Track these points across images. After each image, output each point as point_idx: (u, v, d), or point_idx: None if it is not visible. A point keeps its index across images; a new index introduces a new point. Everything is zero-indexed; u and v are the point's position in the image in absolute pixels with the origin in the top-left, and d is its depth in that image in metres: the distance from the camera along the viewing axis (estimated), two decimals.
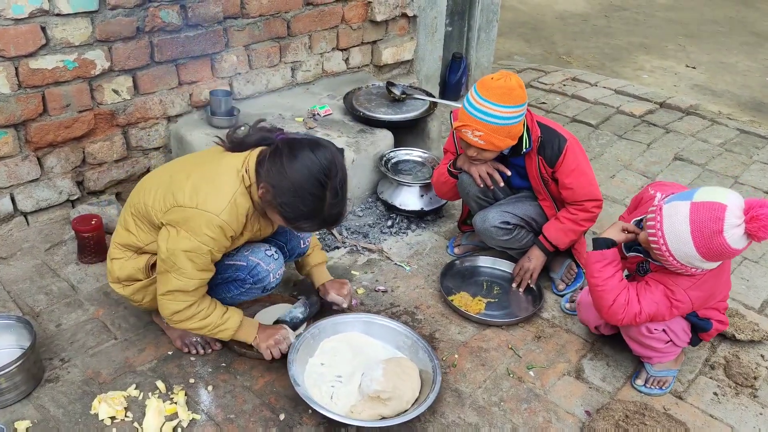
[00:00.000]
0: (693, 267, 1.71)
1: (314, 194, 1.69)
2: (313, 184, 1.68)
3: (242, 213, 1.76)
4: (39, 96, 2.41)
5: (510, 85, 2.05)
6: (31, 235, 2.55)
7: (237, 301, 2.00)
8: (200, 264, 1.75)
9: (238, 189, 1.74)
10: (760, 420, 1.93)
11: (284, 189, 1.68)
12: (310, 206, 1.70)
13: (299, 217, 1.73)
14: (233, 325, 1.88)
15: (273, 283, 1.94)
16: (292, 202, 1.69)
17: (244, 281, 1.90)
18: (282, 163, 1.68)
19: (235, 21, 2.85)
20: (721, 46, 6.06)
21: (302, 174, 1.66)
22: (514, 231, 2.33)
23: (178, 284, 1.76)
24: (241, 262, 1.88)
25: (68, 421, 1.79)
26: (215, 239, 1.72)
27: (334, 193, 1.71)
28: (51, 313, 2.18)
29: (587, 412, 1.92)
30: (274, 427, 1.81)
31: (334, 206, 1.73)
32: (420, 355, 2.01)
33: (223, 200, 1.71)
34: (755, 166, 3.45)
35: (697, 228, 1.61)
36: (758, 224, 1.57)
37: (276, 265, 1.92)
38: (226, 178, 1.75)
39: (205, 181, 1.74)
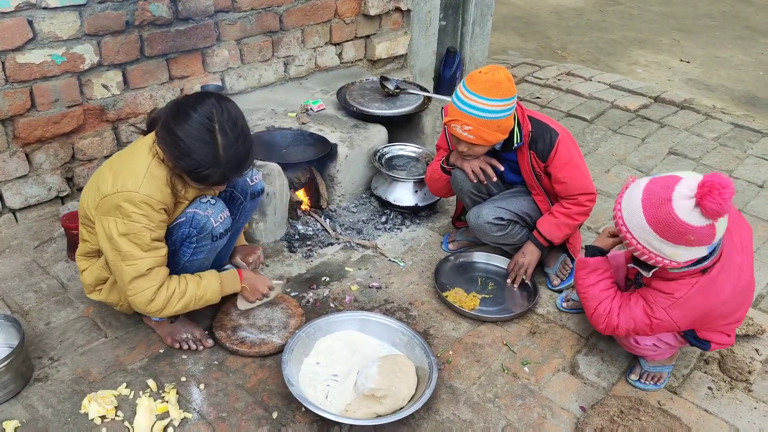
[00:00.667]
0: (658, 252, 1.62)
1: (203, 139, 1.68)
2: (198, 129, 1.68)
3: (163, 182, 1.76)
4: (27, 91, 2.37)
5: (498, 79, 2.03)
6: (19, 232, 2.52)
7: (198, 264, 1.96)
8: (142, 244, 1.75)
9: (151, 162, 1.76)
10: (755, 414, 1.92)
11: (176, 146, 1.69)
12: (204, 152, 1.69)
13: (199, 167, 1.71)
14: (215, 287, 1.89)
15: (219, 229, 1.89)
16: (185, 154, 1.69)
17: (190, 235, 1.87)
18: (169, 122, 1.70)
19: (227, 15, 2.82)
20: (716, 40, 6.06)
21: (187, 124, 1.68)
22: (508, 227, 2.32)
23: (131, 270, 1.75)
24: (181, 218, 1.87)
25: (57, 420, 1.77)
26: (145, 215, 1.73)
27: (224, 133, 1.70)
28: (40, 312, 2.15)
29: (582, 408, 1.91)
30: (266, 425, 1.80)
31: (229, 147, 1.71)
32: (416, 352, 2.00)
33: (138, 176, 1.73)
34: (749, 160, 3.45)
35: (648, 196, 1.58)
36: (704, 190, 1.49)
37: (215, 210, 1.88)
38: (139, 157, 1.78)
39: (122, 166, 1.78)
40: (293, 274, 2.43)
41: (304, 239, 2.62)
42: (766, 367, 2.10)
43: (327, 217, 2.75)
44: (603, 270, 1.88)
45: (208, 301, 1.90)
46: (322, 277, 2.42)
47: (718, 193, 1.47)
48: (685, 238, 1.56)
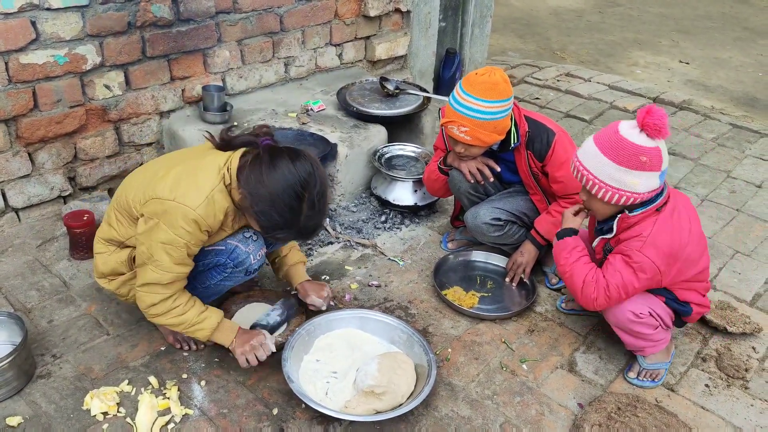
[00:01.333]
0: (622, 186, 1.77)
1: (290, 206, 1.69)
2: (290, 195, 1.68)
3: (219, 209, 1.76)
4: (29, 91, 2.39)
5: (494, 80, 2.05)
6: (22, 231, 2.54)
7: (222, 288, 1.99)
8: (176, 257, 1.74)
9: (216, 186, 1.74)
10: (751, 411, 1.94)
11: (261, 198, 1.69)
12: (286, 217, 1.70)
13: (274, 227, 1.73)
14: (210, 325, 1.85)
15: (255, 265, 1.93)
16: (267, 212, 1.70)
17: (225, 265, 1.89)
18: (260, 172, 1.68)
19: (228, 16, 2.84)
20: (715, 41, 6.08)
21: (279, 185, 1.67)
22: (506, 227, 2.33)
23: (154, 276, 1.76)
24: (220, 246, 1.87)
25: (60, 416, 1.79)
26: (191, 233, 1.73)
27: (311, 205, 1.71)
28: (43, 309, 2.17)
29: (580, 405, 1.92)
30: (267, 421, 1.81)
31: (310, 218, 1.73)
32: (415, 350, 2.01)
33: (200, 195, 1.72)
34: (747, 161, 3.46)
35: (598, 137, 1.81)
36: (643, 113, 1.72)
37: (255, 246, 1.90)
38: (207, 174, 1.75)
39: (186, 176, 1.76)
40: None
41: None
42: (762, 365, 2.11)
43: (326, 217, 2.77)
44: (581, 247, 1.96)
45: (196, 333, 1.85)
46: (322, 275, 2.43)
47: (656, 112, 1.71)
48: (639, 160, 1.74)
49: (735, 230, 2.84)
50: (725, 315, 2.25)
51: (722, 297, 2.41)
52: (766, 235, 2.82)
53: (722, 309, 2.28)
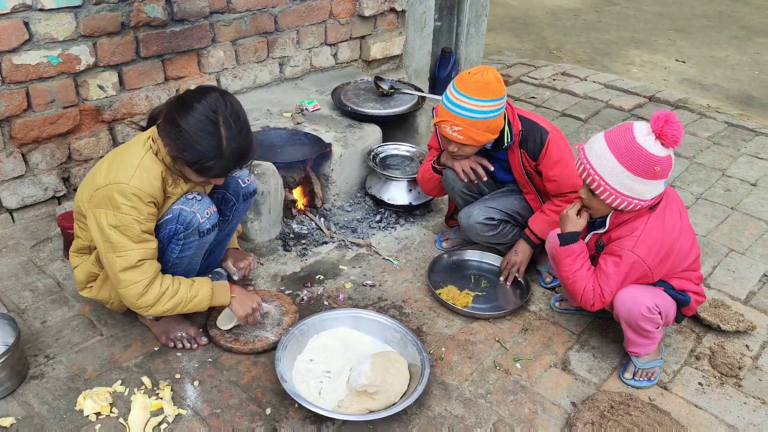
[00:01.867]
0: (632, 194, 1.77)
1: (207, 131, 1.71)
2: (202, 121, 1.71)
3: (154, 176, 1.79)
4: (23, 92, 2.39)
5: (487, 79, 2.05)
6: (16, 232, 2.54)
7: (189, 262, 1.97)
8: (132, 236, 1.77)
9: (144, 155, 1.79)
10: (744, 409, 1.94)
11: (179, 137, 1.72)
12: (208, 144, 1.72)
13: (202, 158, 1.74)
14: (206, 292, 1.90)
15: (205, 224, 1.91)
16: (190, 145, 1.72)
17: (177, 232, 1.89)
18: (173, 116, 1.73)
19: (222, 16, 2.84)
20: (711, 40, 6.08)
21: (191, 118, 1.71)
22: (499, 226, 2.34)
23: (120, 262, 1.77)
24: (167, 215, 1.88)
25: (53, 417, 1.79)
26: (135, 207, 1.75)
27: (227, 125, 1.73)
28: (36, 310, 2.17)
29: (573, 403, 1.93)
30: (260, 421, 1.81)
31: (232, 139, 1.74)
32: (409, 349, 2.01)
33: (130, 169, 1.76)
34: (742, 159, 3.47)
35: (612, 141, 1.77)
36: (660, 122, 1.69)
37: (200, 205, 1.90)
38: (133, 150, 1.81)
39: (116, 159, 1.81)
40: (288, 272, 2.45)
41: (298, 238, 2.64)
42: (756, 363, 2.12)
43: (321, 216, 2.77)
44: (585, 253, 1.96)
45: (197, 306, 1.89)
46: (316, 275, 2.44)
47: (674, 122, 1.70)
48: (654, 170, 1.74)
49: (729, 228, 2.84)
50: (719, 313, 2.25)
51: (716, 295, 2.41)
52: (761, 233, 2.82)
53: (716, 307, 2.28)
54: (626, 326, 1.96)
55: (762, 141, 3.66)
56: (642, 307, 1.87)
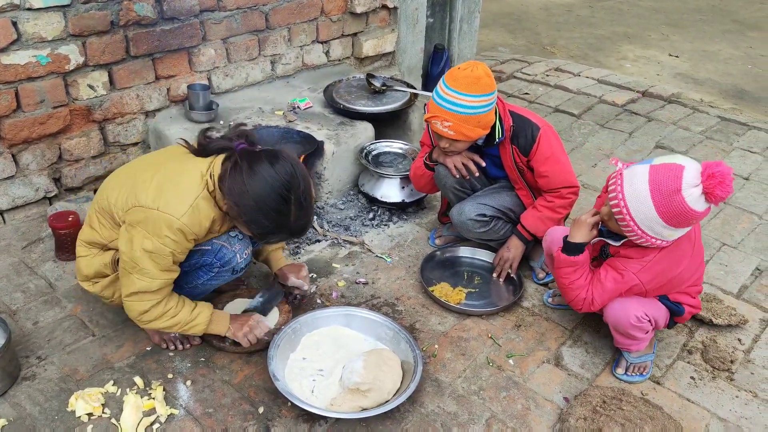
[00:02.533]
0: (657, 236, 1.74)
1: (278, 210, 1.69)
2: (276, 200, 1.68)
3: (205, 218, 1.75)
4: (12, 92, 2.38)
5: (477, 75, 2.05)
6: (7, 233, 2.53)
7: (209, 287, 1.99)
8: (162, 265, 1.74)
9: (200, 194, 1.74)
10: (736, 403, 1.94)
11: (247, 207, 1.69)
12: (276, 221, 1.71)
13: (266, 233, 1.74)
14: (204, 319, 1.87)
15: (241, 264, 1.93)
16: (256, 219, 1.70)
17: (212, 265, 1.89)
18: (242, 180, 1.67)
19: (212, 14, 2.83)
20: (704, 34, 6.09)
21: (263, 191, 1.66)
22: (491, 223, 2.34)
23: (142, 285, 1.75)
24: (206, 246, 1.86)
25: (44, 418, 1.78)
26: (176, 241, 1.72)
27: (298, 205, 1.71)
28: (28, 311, 2.16)
29: (566, 399, 1.93)
30: (253, 420, 1.81)
31: (299, 218, 1.74)
32: (402, 346, 2.01)
33: (184, 204, 1.71)
34: (735, 153, 3.47)
35: (656, 187, 1.66)
36: (714, 181, 1.61)
37: (241, 245, 1.91)
38: (190, 182, 1.75)
39: (168, 183, 1.74)
40: None
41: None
42: (748, 357, 2.12)
43: (314, 214, 2.77)
44: (587, 263, 1.94)
45: (191, 330, 1.87)
46: (309, 273, 2.43)
47: (728, 183, 1.61)
48: (689, 223, 1.71)
49: (722, 223, 2.85)
50: (711, 307, 2.25)
51: (708, 289, 2.41)
52: (753, 227, 2.83)
53: (708, 301, 2.29)
54: (614, 331, 1.97)
55: (754, 135, 3.67)
56: (631, 317, 1.87)
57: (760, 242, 2.72)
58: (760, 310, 2.34)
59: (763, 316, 2.31)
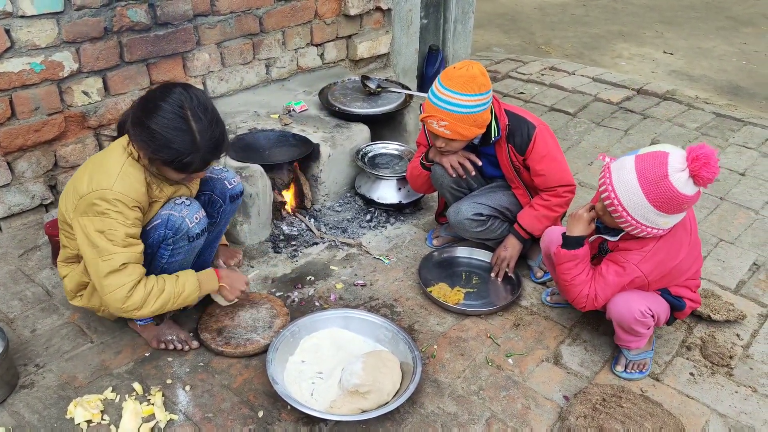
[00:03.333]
0: (652, 225, 1.75)
1: (178, 128, 1.71)
2: (172, 119, 1.71)
3: (136, 180, 1.79)
4: (6, 100, 2.37)
5: (472, 74, 2.05)
6: (3, 240, 2.52)
7: (178, 264, 1.96)
8: (117, 240, 1.76)
9: (125, 161, 1.79)
10: (736, 398, 1.95)
11: (152, 138, 1.71)
12: (181, 140, 1.72)
13: (180, 155, 1.73)
14: (193, 284, 1.89)
15: (194, 229, 1.90)
16: (164, 145, 1.72)
17: (166, 237, 1.88)
18: (140, 118, 1.72)
19: (206, 18, 2.83)
20: (698, 31, 6.11)
21: (159, 116, 1.70)
22: (488, 222, 2.34)
23: (105, 266, 1.75)
24: (156, 220, 1.88)
25: (43, 426, 1.78)
26: (119, 212, 1.75)
27: (197, 118, 1.73)
28: (26, 319, 2.16)
29: (565, 397, 1.93)
30: (252, 424, 1.81)
31: (204, 131, 1.74)
32: (401, 347, 2.01)
33: (112, 175, 1.76)
34: (731, 149, 3.48)
35: (643, 175, 1.69)
36: (699, 163, 1.63)
37: (189, 210, 1.89)
38: (112, 156, 1.82)
39: (96, 167, 1.81)
40: (278, 274, 2.44)
41: (288, 239, 2.63)
42: (747, 352, 2.12)
43: (311, 216, 2.77)
44: (587, 256, 1.94)
45: (186, 300, 1.88)
46: (307, 276, 2.43)
47: (714, 164, 1.64)
48: (681, 207, 1.72)
49: (719, 218, 2.86)
50: (709, 303, 2.26)
51: (706, 285, 2.41)
52: (750, 222, 2.83)
53: (706, 297, 2.29)
54: (618, 327, 1.96)
55: (750, 131, 3.67)
56: (635, 312, 1.87)
57: (757, 237, 2.72)
58: (758, 305, 2.34)
59: (761, 311, 2.31)
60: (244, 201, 2.47)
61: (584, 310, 1.97)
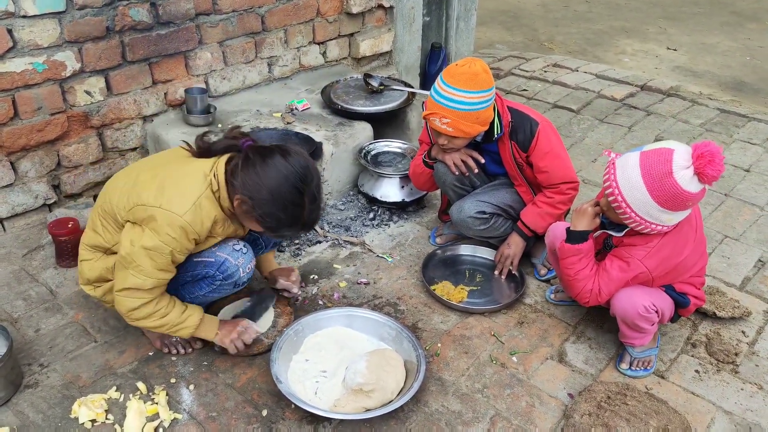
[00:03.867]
0: (656, 221, 1.74)
1: (293, 202, 1.70)
2: (291, 192, 1.68)
3: (207, 217, 1.75)
4: (9, 100, 2.38)
5: (474, 71, 2.04)
6: (7, 240, 2.52)
7: (210, 299, 1.99)
8: (160, 263, 1.73)
9: (203, 193, 1.74)
10: (741, 395, 1.94)
11: (263, 200, 1.68)
12: (290, 215, 1.71)
13: (280, 227, 1.74)
14: (193, 323, 1.86)
15: (244, 278, 1.93)
16: (271, 213, 1.70)
17: (214, 278, 1.89)
18: (256, 173, 1.68)
19: (208, 17, 2.83)
20: (702, 27, 6.08)
21: (279, 183, 1.67)
22: (491, 220, 2.33)
23: (135, 281, 1.74)
24: (209, 258, 1.86)
25: (48, 426, 1.78)
26: (177, 240, 1.71)
27: (312, 198, 1.73)
28: (29, 319, 2.16)
29: (570, 395, 1.92)
30: (256, 423, 1.81)
31: (312, 211, 1.75)
32: (405, 346, 2.01)
33: (187, 202, 1.71)
34: (735, 145, 3.46)
35: (647, 172, 1.68)
36: (704, 161, 1.63)
37: (245, 260, 1.91)
38: (193, 181, 1.74)
39: (171, 182, 1.74)
40: None
41: (292, 238, 2.62)
42: (752, 349, 2.11)
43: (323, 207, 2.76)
44: (591, 251, 1.93)
45: (179, 332, 1.86)
46: (310, 275, 2.43)
47: (719, 162, 1.63)
48: (686, 205, 1.71)
49: (724, 215, 2.84)
50: (714, 300, 2.25)
51: (711, 282, 2.40)
52: (755, 218, 2.82)
53: (711, 294, 2.28)
54: (622, 323, 1.95)
55: (754, 126, 3.65)
56: (639, 307, 1.86)
57: (762, 234, 2.71)
58: (764, 302, 2.33)
59: (766, 307, 2.30)
60: None
61: (588, 305, 1.96)
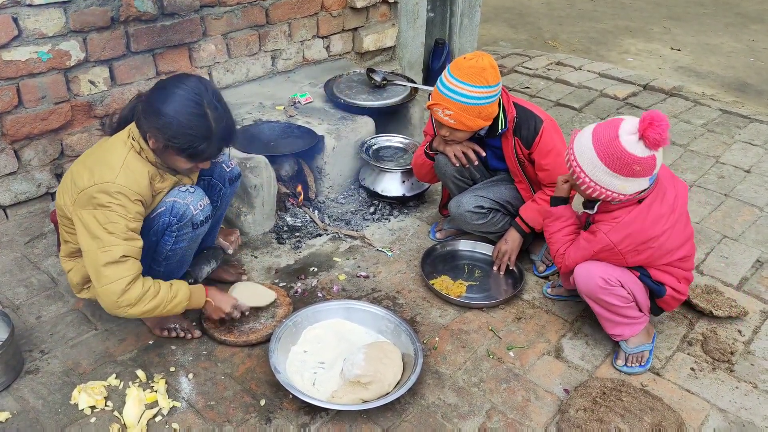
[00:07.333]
0: (609, 187, 1.81)
1: (195, 113, 1.75)
2: (190, 105, 1.75)
3: (140, 174, 1.80)
4: (13, 88, 2.39)
5: (482, 65, 2.05)
6: (10, 228, 2.54)
7: (182, 254, 1.98)
8: (118, 233, 1.76)
9: (127, 154, 1.81)
10: (736, 394, 1.95)
11: (167, 124, 1.74)
12: (198, 127, 1.76)
13: (194, 142, 1.77)
14: (184, 294, 1.89)
15: (199, 216, 1.92)
16: (179, 132, 1.75)
17: (170, 224, 1.90)
18: (155, 105, 1.75)
19: (213, 9, 2.83)
20: (706, 27, 6.07)
21: (176, 102, 1.74)
22: (489, 215, 2.34)
23: (105, 256, 1.74)
24: (161, 208, 1.90)
25: (48, 411, 1.80)
26: (121, 205, 1.76)
27: (213, 107, 1.78)
28: (31, 306, 2.18)
29: (566, 390, 1.94)
30: (254, 412, 1.82)
31: (219, 119, 1.79)
32: (402, 339, 2.02)
33: (115, 168, 1.78)
34: (736, 146, 3.47)
35: (597, 138, 1.80)
36: (645, 123, 1.71)
37: (193, 198, 1.91)
38: (114, 151, 1.83)
39: (97, 161, 1.82)
40: (282, 264, 2.45)
41: (292, 231, 2.64)
42: (748, 348, 2.13)
43: (315, 208, 2.78)
44: (566, 217, 2.04)
45: (176, 307, 1.87)
46: (310, 267, 2.44)
47: (658, 125, 1.70)
48: (632, 169, 1.76)
49: (723, 215, 2.85)
50: (711, 299, 2.26)
51: (709, 281, 2.41)
52: (754, 219, 2.83)
53: (708, 293, 2.29)
54: (591, 302, 1.98)
55: (756, 128, 3.66)
56: (596, 278, 1.90)
57: (761, 234, 2.72)
58: (761, 302, 2.34)
59: (763, 307, 2.31)
60: (248, 192, 2.48)
61: (561, 271, 2.07)
